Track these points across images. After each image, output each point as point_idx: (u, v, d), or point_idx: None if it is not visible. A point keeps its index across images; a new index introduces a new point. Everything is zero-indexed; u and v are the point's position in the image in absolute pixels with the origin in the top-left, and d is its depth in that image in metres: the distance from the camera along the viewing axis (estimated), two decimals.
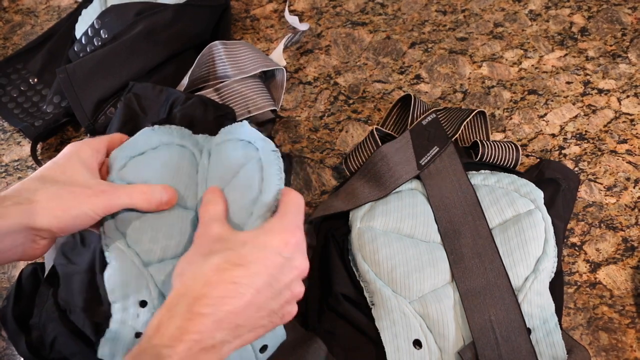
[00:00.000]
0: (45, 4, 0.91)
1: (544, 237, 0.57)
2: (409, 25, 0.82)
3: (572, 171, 0.66)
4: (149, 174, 0.56)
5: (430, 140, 0.63)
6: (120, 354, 0.50)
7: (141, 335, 0.49)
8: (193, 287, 0.43)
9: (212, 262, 0.44)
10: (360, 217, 0.59)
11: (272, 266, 0.45)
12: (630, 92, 0.74)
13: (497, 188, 0.60)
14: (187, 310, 0.42)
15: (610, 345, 0.57)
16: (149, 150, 0.58)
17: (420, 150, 0.63)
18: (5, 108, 0.77)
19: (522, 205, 0.59)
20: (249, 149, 0.56)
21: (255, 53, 0.73)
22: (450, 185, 0.60)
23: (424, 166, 0.62)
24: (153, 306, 0.51)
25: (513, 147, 0.66)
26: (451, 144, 0.63)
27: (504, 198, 0.59)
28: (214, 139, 0.60)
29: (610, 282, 0.61)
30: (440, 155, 0.62)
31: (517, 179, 0.61)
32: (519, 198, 0.59)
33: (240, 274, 0.44)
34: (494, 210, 0.59)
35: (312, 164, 0.71)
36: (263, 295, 0.44)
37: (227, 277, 0.43)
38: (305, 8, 0.85)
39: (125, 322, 0.51)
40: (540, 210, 0.58)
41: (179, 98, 0.65)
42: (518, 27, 0.81)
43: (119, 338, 0.51)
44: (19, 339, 0.56)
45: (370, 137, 0.66)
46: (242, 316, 0.43)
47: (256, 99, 0.70)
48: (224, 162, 0.57)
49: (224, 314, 0.42)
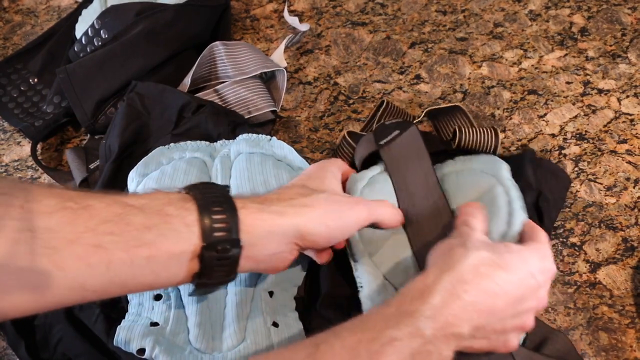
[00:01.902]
0: (45, 4, 0.91)
1: (507, 211, 0.55)
2: (409, 25, 0.82)
3: (563, 171, 0.65)
4: (163, 188, 0.59)
5: (392, 129, 0.62)
6: (135, 340, 0.52)
7: (156, 324, 0.53)
8: (460, 269, 0.44)
9: (480, 254, 0.45)
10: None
11: (526, 285, 0.46)
12: (630, 92, 0.74)
13: (463, 171, 0.59)
14: (451, 288, 0.43)
15: (610, 345, 0.57)
16: (162, 167, 0.62)
17: (380, 136, 0.62)
18: (6, 108, 0.77)
19: (484, 183, 0.57)
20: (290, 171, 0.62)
21: (256, 54, 0.73)
22: (411, 165, 0.59)
23: (383, 145, 0.60)
24: (167, 298, 0.55)
25: (492, 132, 0.65)
26: (414, 126, 0.61)
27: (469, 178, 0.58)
28: (235, 145, 0.63)
29: (610, 282, 0.61)
30: (400, 135, 0.61)
31: (479, 156, 0.60)
32: (482, 175, 0.58)
33: (502, 277, 0.45)
34: (461, 196, 0.57)
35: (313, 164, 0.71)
36: (508, 308, 0.45)
37: (491, 273, 0.45)
38: (305, 8, 0.85)
39: (140, 314, 0.55)
40: (501, 184, 0.56)
41: (189, 105, 0.66)
42: (518, 27, 0.81)
43: (134, 327, 0.53)
44: (18, 344, 0.56)
45: (343, 140, 0.67)
46: (487, 318, 0.44)
47: (256, 100, 0.70)
48: (254, 174, 0.61)
49: (478, 308, 0.43)
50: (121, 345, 0.52)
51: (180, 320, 0.54)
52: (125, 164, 0.64)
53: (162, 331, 0.53)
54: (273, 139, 0.64)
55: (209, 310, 0.55)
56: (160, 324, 0.54)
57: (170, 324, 0.54)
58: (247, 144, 0.63)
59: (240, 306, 0.54)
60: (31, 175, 0.73)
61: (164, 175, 0.60)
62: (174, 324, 0.54)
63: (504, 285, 0.45)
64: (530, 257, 0.47)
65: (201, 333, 0.53)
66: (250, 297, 0.55)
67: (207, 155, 0.63)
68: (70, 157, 0.70)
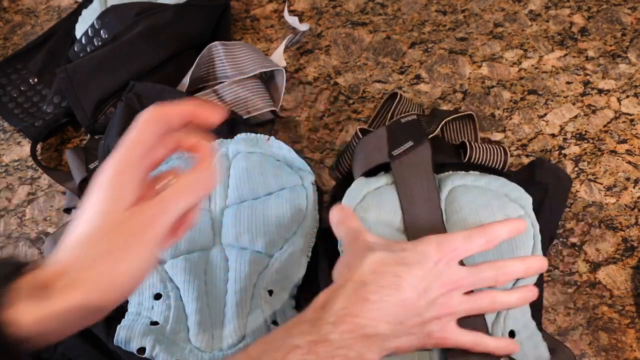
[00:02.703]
0: (45, 4, 0.91)
1: (532, 244, 0.56)
2: (409, 25, 0.82)
3: (564, 172, 0.65)
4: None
5: (406, 136, 0.63)
6: (135, 339, 0.52)
7: (156, 323, 0.54)
8: (359, 272, 0.45)
9: (377, 255, 0.46)
10: (353, 207, 0.59)
11: (429, 273, 0.46)
12: (630, 92, 0.74)
13: (488, 190, 0.60)
14: (353, 293, 0.44)
15: (610, 345, 0.57)
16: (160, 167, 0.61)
17: (394, 143, 0.63)
18: (6, 108, 0.77)
19: (512, 210, 0.58)
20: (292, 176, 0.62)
21: (255, 54, 0.73)
22: (419, 184, 0.60)
23: (395, 157, 0.61)
24: (167, 297, 0.55)
25: (501, 150, 0.65)
26: (427, 141, 0.62)
27: (496, 201, 0.58)
28: (233, 145, 0.63)
29: (610, 282, 0.61)
30: (414, 149, 0.62)
31: (507, 182, 0.60)
32: (509, 202, 0.58)
33: (403, 270, 0.45)
34: (485, 213, 0.58)
35: (312, 164, 0.71)
36: (420, 299, 0.45)
37: (391, 269, 0.45)
38: (305, 8, 0.85)
39: (140, 313, 0.55)
40: (529, 216, 0.58)
41: None
42: (518, 27, 0.81)
43: (134, 326, 0.53)
44: None
45: (355, 137, 0.67)
46: (402, 312, 0.44)
47: (255, 101, 0.70)
48: (254, 174, 0.61)
49: (387, 305, 0.44)
50: (121, 345, 0.52)
51: (180, 319, 0.54)
52: None
53: (162, 330, 0.53)
54: (272, 138, 0.64)
55: (209, 309, 0.55)
56: (161, 323, 0.54)
57: (170, 323, 0.54)
58: (246, 144, 0.63)
59: (240, 305, 0.54)
60: (31, 176, 0.73)
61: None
62: (174, 323, 0.54)
63: (407, 278, 0.45)
64: (426, 248, 0.47)
65: (201, 332, 0.53)
66: (250, 296, 0.55)
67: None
68: (70, 157, 0.70)
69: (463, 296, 0.48)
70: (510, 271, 0.49)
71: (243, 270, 0.56)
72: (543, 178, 0.63)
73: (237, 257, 0.57)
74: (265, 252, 0.57)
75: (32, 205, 0.71)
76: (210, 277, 0.56)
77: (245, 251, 0.57)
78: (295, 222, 0.59)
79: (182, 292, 0.55)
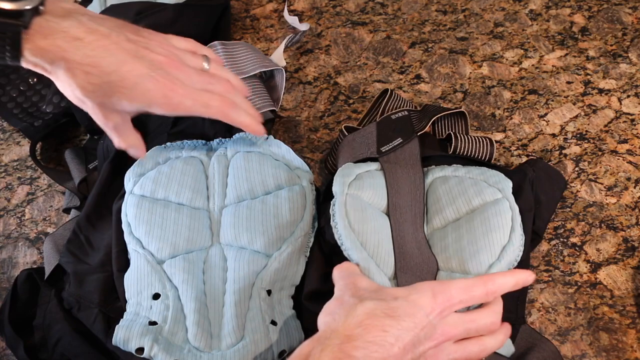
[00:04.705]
0: None
1: (510, 226, 0.56)
2: (409, 25, 0.82)
3: (558, 172, 0.65)
4: (160, 187, 0.60)
5: (396, 133, 0.63)
6: (133, 339, 0.52)
7: (155, 323, 0.54)
8: (345, 325, 0.44)
9: (366, 305, 0.44)
10: (348, 184, 0.59)
11: (420, 326, 0.44)
12: (630, 92, 0.73)
13: (467, 178, 0.60)
14: (338, 348, 0.42)
15: (611, 345, 0.57)
16: (158, 166, 0.62)
17: (383, 140, 0.63)
18: (5, 108, 0.77)
19: (489, 195, 0.58)
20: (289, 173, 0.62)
21: (254, 53, 0.73)
22: (406, 179, 0.61)
23: (383, 153, 0.62)
24: (165, 297, 0.55)
25: (487, 141, 0.66)
26: (416, 138, 0.63)
27: (472, 188, 0.59)
28: (231, 144, 0.64)
29: (610, 283, 0.60)
30: (402, 146, 0.62)
31: (487, 170, 0.61)
32: (487, 187, 0.59)
33: (392, 324, 0.43)
34: (462, 200, 0.59)
35: (312, 164, 0.71)
36: (407, 354, 0.44)
37: (379, 323, 0.43)
38: (305, 8, 0.85)
39: (138, 313, 0.55)
40: (507, 199, 0.58)
41: None
42: (518, 26, 0.81)
43: (132, 326, 0.53)
44: (17, 344, 0.56)
45: (340, 135, 0.67)
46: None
47: (254, 100, 0.70)
48: (252, 173, 0.61)
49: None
50: (120, 345, 0.52)
51: (179, 319, 0.54)
52: (122, 163, 0.64)
53: (160, 330, 0.53)
54: (270, 137, 0.64)
55: (208, 309, 0.55)
56: (159, 322, 0.54)
57: (168, 323, 0.54)
58: (244, 143, 0.63)
59: (239, 305, 0.54)
60: (30, 175, 0.73)
61: (161, 174, 0.60)
62: (173, 323, 0.54)
63: (395, 333, 0.43)
64: (419, 298, 0.45)
65: (200, 331, 0.53)
66: (248, 296, 0.55)
67: (204, 154, 0.63)
68: (69, 157, 0.70)
69: (452, 346, 0.46)
70: (500, 287, 0.47)
71: (241, 270, 0.56)
72: (538, 175, 0.63)
73: (236, 257, 0.57)
74: (263, 252, 0.57)
75: (32, 205, 0.71)
76: (209, 277, 0.56)
77: (243, 251, 0.57)
78: (293, 222, 0.58)
79: (181, 292, 0.55)
